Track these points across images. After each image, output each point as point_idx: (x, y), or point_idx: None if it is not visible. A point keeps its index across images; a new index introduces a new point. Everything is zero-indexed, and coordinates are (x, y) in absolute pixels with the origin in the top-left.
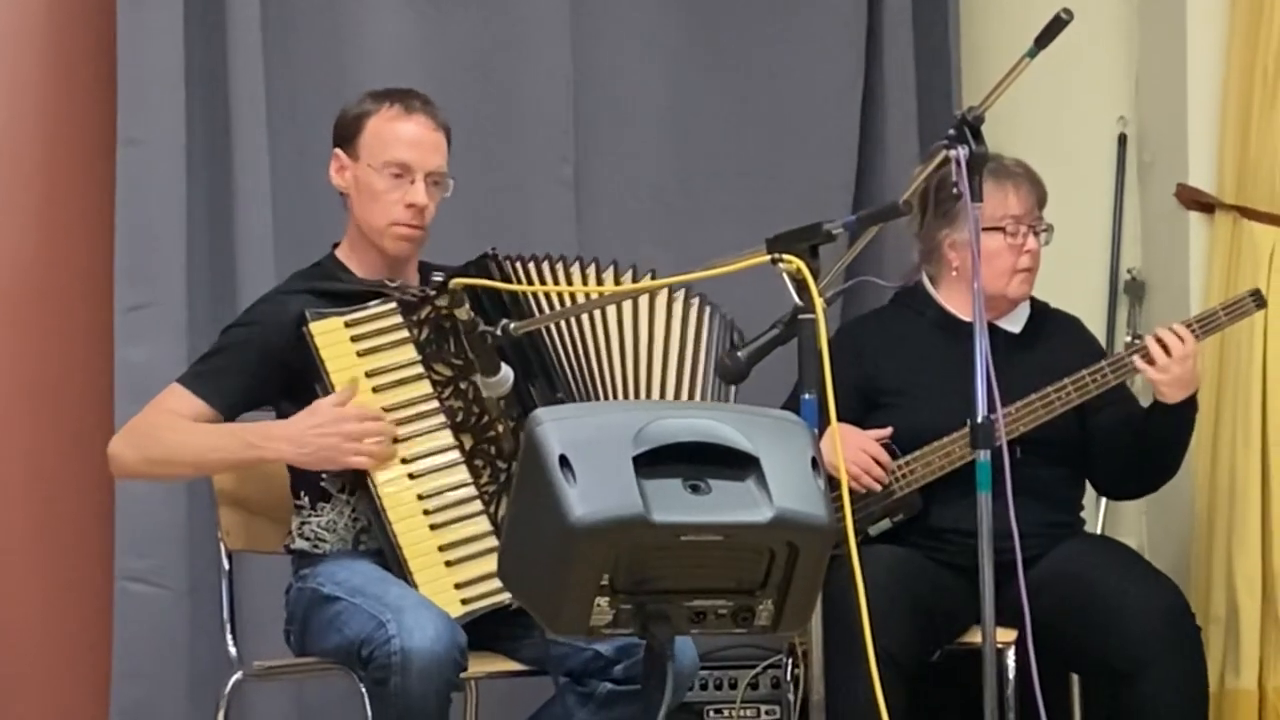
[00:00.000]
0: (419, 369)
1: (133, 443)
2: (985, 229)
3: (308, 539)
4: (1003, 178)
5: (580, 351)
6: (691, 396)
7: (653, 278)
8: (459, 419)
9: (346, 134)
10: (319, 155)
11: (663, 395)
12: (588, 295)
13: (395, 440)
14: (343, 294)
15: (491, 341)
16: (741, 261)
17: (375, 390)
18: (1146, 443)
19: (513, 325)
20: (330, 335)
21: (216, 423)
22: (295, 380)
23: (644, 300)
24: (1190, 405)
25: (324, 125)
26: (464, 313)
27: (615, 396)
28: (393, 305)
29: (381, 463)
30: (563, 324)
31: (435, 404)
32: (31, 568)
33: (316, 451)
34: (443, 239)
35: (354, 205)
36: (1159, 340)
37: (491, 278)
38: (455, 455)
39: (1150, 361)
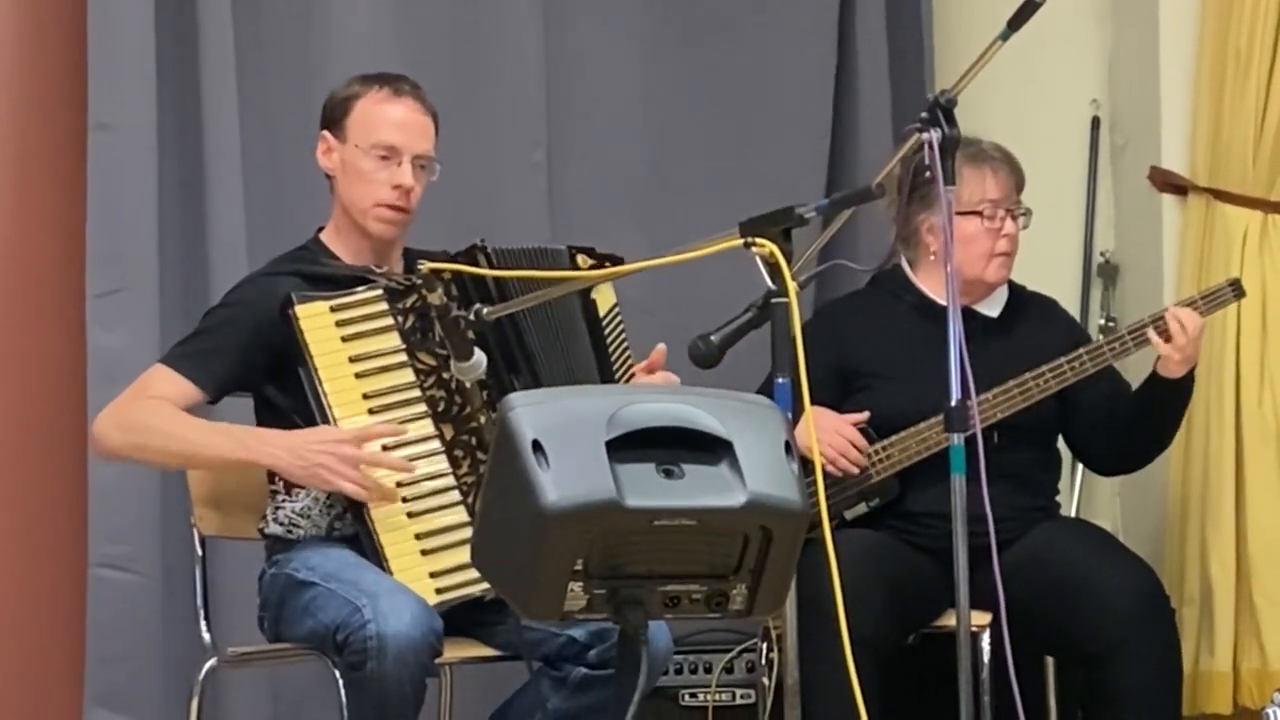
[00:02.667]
0: (402, 357)
1: (121, 425)
2: (963, 213)
3: (282, 524)
4: (981, 161)
5: (551, 338)
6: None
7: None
8: (440, 409)
9: (334, 115)
10: (290, 139)
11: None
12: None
13: (400, 484)
14: (329, 278)
15: (464, 326)
16: (714, 245)
17: (358, 376)
18: (1147, 416)
19: (486, 310)
20: (315, 319)
21: (202, 404)
22: (280, 363)
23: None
24: (1190, 377)
25: (295, 110)
26: (436, 297)
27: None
28: (379, 292)
29: (376, 497)
30: (545, 315)
31: (417, 392)
32: (4, 554)
33: (310, 467)
34: (415, 221)
35: (340, 186)
36: (1174, 319)
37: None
38: (435, 445)
39: (1167, 338)
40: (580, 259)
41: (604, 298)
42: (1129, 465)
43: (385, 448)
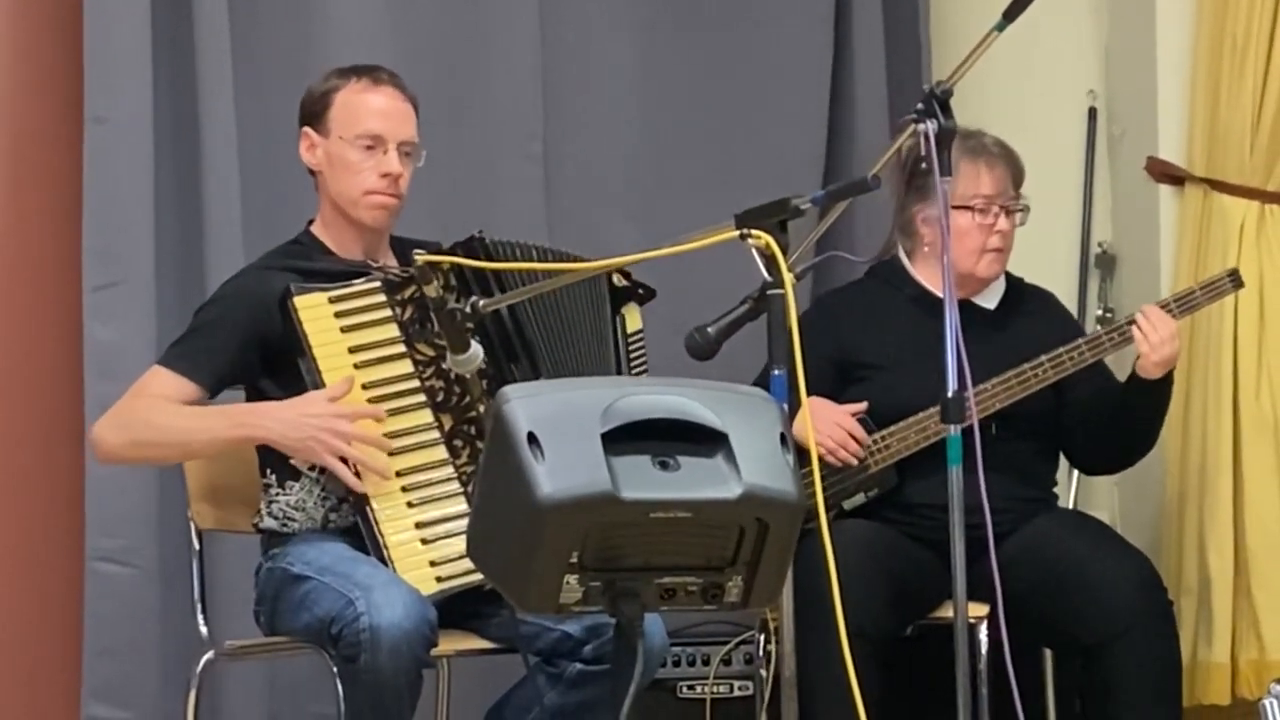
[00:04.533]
0: (401, 348)
1: (118, 427)
2: (955, 207)
3: (276, 518)
4: (977, 156)
5: (559, 331)
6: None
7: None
8: (439, 399)
9: (315, 111)
10: (286, 132)
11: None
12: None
13: (400, 474)
14: (325, 273)
15: (460, 319)
16: (710, 237)
17: (357, 367)
18: (1125, 417)
19: (482, 303)
20: (314, 310)
21: (202, 401)
22: (276, 357)
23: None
24: (1169, 380)
25: (291, 103)
26: (433, 289)
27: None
28: (377, 284)
29: (368, 473)
30: (544, 305)
31: (416, 383)
32: (1, 548)
33: (305, 440)
34: (411, 215)
35: (326, 181)
36: (1144, 318)
37: (478, 259)
38: (435, 434)
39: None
40: (616, 278)
41: (632, 318)
42: (1110, 465)
43: (390, 435)
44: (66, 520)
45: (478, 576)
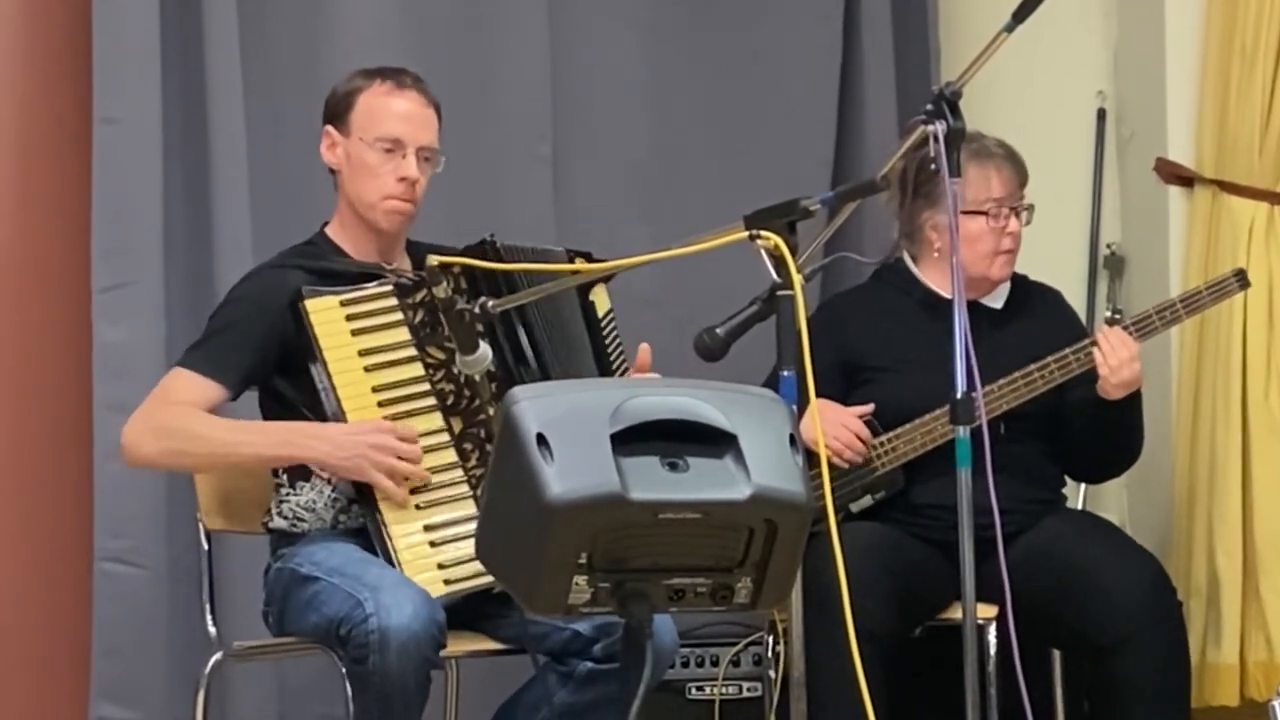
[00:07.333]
0: (412, 351)
1: (155, 433)
2: (967, 212)
3: (286, 518)
4: (985, 160)
5: (567, 334)
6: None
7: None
8: (449, 402)
9: (338, 110)
10: (295, 132)
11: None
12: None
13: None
14: (339, 274)
15: (469, 319)
16: (719, 238)
17: (367, 370)
18: (1096, 430)
19: (491, 303)
20: (325, 313)
21: (225, 402)
22: (291, 356)
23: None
24: (1135, 398)
25: (300, 103)
26: (442, 290)
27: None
28: (389, 287)
29: (403, 492)
30: (549, 312)
31: (427, 386)
32: (10, 548)
33: (352, 458)
34: (420, 215)
35: (345, 181)
36: (1105, 340)
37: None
38: (445, 438)
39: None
40: (578, 262)
41: (600, 300)
42: (1091, 473)
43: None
44: (75, 521)
45: (486, 579)
